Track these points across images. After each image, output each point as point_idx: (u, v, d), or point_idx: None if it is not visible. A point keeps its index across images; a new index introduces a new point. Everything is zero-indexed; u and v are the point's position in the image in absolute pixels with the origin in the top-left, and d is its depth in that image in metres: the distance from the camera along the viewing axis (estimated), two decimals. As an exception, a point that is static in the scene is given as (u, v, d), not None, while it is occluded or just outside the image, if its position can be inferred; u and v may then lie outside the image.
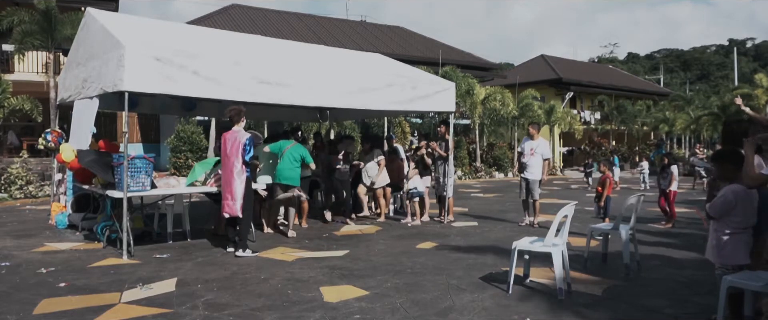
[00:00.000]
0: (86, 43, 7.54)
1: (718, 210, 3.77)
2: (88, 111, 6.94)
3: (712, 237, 3.91)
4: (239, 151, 6.30)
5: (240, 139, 6.35)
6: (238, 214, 6.36)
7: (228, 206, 6.40)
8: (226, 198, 6.41)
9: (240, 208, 6.34)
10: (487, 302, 4.62)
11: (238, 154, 6.30)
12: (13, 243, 7.25)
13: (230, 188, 6.38)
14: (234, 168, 6.34)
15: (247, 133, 6.50)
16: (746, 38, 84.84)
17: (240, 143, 6.32)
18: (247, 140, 6.36)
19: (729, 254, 3.77)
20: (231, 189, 6.37)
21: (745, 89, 29.64)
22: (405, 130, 21.71)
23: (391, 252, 6.73)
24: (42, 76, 16.80)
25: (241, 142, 6.32)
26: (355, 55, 10.79)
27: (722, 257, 3.81)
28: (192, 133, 17.38)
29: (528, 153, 8.85)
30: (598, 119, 34.30)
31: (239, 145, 6.32)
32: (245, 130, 6.59)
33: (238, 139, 6.36)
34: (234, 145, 6.36)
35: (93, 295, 4.77)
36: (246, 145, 6.32)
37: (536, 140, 8.95)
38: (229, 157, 6.40)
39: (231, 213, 6.41)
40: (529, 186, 8.83)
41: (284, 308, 4.41)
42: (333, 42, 21.99)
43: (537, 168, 8.79)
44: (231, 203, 6.37)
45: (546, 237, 4.92)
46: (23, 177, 13.22)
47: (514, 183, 20.04)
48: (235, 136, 6.41)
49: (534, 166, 8.79)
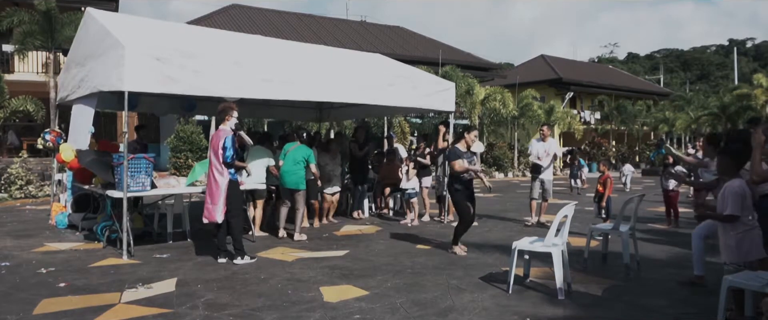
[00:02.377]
0: (86, 43, 7.53)
1: (736, 208, 3.76)
2: (87, 111, 6.94)
3: (727, 238, 3.88)
4: (219, 151, 5.96)
5: (220, 139, 5.98)
6: (217, 220, 6.01)
7: (207, 211, 6.04)
8: (207, 202, 6.08)
9: (221, 213, 5.97)
10: (487, 302, 4.62)
11: (219, 155, 5.96)
12: (13, 243, 7.25)
13: (210, 191, 6.05)
14: (214, 169, 6.02)
15: (229, 133, 6.06)
16: (746, 38, 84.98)
17: (219, 144, 5.96)
18: (226, 140, 5.95)
19: (746, 251, 3.78)
20: (210, 192, 6.04)
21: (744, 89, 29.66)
22: (405, 130, 21.70)
23: (391, 252, 6.73)
24: (42, 76, 16.81)
25: (221, 142, 5.95)
26: (356, 55, 10.80)
27: (740, 255, 3.81)
28: (192, 132, 17.38)
29: (543, 155, 8.92)
30: (598, 119, 34.32)
31: (219, 146, 5.96)
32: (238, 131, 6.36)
33: (219, 139, 5.99)
34: (215, 145, 6.02)
35: (93, 295, 4.77)
36: (225, 145, 5.92)
37: (548, 141, 8.97)
38: (211, 159, 6.09)
39: (210, 219, 6.05)
40: (545, 187, 8.95)
41: (284, 308, 4.41)
42: (333, 42, 21.99)
43: (551, 169, 8.99)
44: (210, 208, 6.01)
45: (546, 237, 4.93)
46: (23, 177, 13.21)
47: (514, 183, 20.05)
48: (218, 135, 6.05)
49: (550, 168, 8.97)
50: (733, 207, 3.76)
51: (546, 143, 8.94)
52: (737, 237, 3.81)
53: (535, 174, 9.04)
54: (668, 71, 66.93)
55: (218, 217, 6.00)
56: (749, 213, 3.79)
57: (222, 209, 5.98)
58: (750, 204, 3.81)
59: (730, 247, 3.87)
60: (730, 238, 3.85)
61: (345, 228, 8.64)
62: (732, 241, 3.85)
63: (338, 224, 8.94)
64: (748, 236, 3.78)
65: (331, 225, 8.89)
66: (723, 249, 3.96)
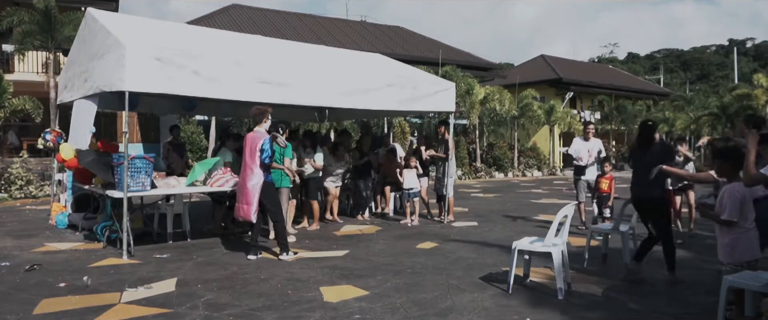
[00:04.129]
0: (86, 43, 7.54)
1: (735, 213, 3.77)
2: (88, 111, 6.94)
3: (723, 238, 3.90)
4: (256, 153, 6.17)
5: (258, 141, 6.23)
6: (251, 219, 6.22)
7: (242, 209, 6.26)
8: (240, 201, 6.29)
9: (255, 212, 6.20)
10: (487, 302, 4.62)
11: (256, 156, 6.17)
12: (13, 243, 7.25)
13: (243, 190, 6.26)
14: (249, 170, 6.23)
15: (266, 135, 6.32)
16: (746, 38, 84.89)
17: (256, 145, 6.20)
18: (264, 142, 6.20)
19: (741, 251, 3.78)
20: (245, 193, 6.23)
21: (744, 89, 29.64)
22: (405, 130, 21.69)
23: (391, 252, 6.73)
24: (42, 76, 16.81)
25: (259, 144, 6.18)
26: (355, 55, 10.79)
27: (734, 255, 3.82)
28: (192, 133, 17.38)
29: (586, 156, 8.53)
30: (598, 119, 34.30)
31: (256, 147, 6.19)
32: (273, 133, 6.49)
33: (257, 141, 6.23)
34: (252, 147, 6.24)
35: (93, 295, 4.77)
36: (263, 147, 6.17)
37: (591, 141, 8.62)
38: (246, 159, 6.29)
39: (244, 218, 6.28)
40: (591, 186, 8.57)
41: (284, 308, 4.41)
42: (333, 42, 21.98)
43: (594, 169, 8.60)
44: (245, 207, 6.22)
45: (546, 237, 4.93)
46: (23, 177, 13.21)
47: (514, 183, 20.05)
48: (255, 137, 6.28)
49: (593, 167, 8.59)
50: (730, 212, 3.77)
51: (590, 142, 8.59)
52: (732, 237, 3.82)
53: (578, 176, 8.69)
54: (668, 71, 66.95)
55: (253, 216, 6.20)
56: (750, 216, 3.79)
57: (256, 208, 6.19)
58: (751, 207, 3.80)
59: (725, 247, 3.90)
60: (726, 238, 3.87)
61: (345, 228, 8.64)
62: (727, 241, 3.87)
63: (338, 224, 8.94)
64: (743, 237, 3.78)
65: (332, 225, 8.89)
66: (719, 249, 3.98)
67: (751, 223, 3.80)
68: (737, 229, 3.79)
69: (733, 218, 3.77)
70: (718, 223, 3.89)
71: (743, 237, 3.79)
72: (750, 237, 3.79)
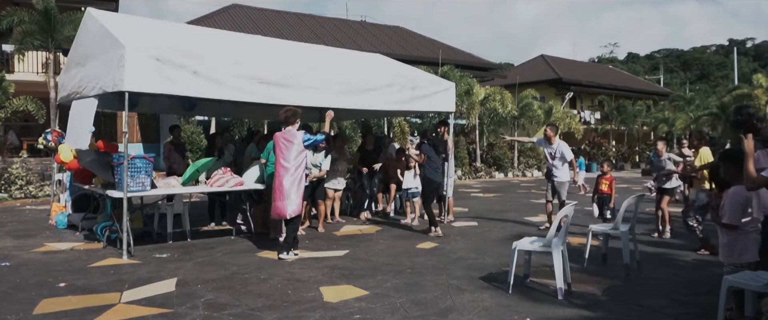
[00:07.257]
0: (86, 43, 7.54)
1: (734, 218, 3.77)
2: (88, 110, 6.94)
3: (722, 237, 3.92)
4: (294, 150, 6.30)
5: (296, 138, 6.36)
6: (287, 216, 6.32)
7: (278, 208, 6.35)
8: (276, 199, 6.35)
9: (291, 210, 6.28)
10: (487, 302, 4.62)
11: (289, 154, 6.30)
12: (13, 243, 7.25)
13: (282, 189, 6.32)
14: (283, 169, 6.32)
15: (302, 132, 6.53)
16: (746, 38, 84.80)
17: (292, 143, 6.32)
18: (305, 134, 6.46)
19: (739, 252, 3.79)
20: (282, 190, 6.31)
21: (744, 89, 29.64)
22: (405, 130, 21.69)
23: (391, 252, 6.73)
24: (42, 76, 16.80)
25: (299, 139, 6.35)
26: (355, 55, 10.79)
27: (733, 256, 3.83)
28: (192, 133, 17.36)
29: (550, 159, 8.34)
30: (598, 119, 34.31)
31: (292, 145, 6.32)
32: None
33: (294, 138, 6.35)
34: (288, 145, 6.34)
35: (93, 295, 4.77)
36: (306, 138, 6.39)
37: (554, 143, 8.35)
38: (281, 158, 6.36)
39: (280, 215, 6.39)
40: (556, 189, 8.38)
41: (284, 308, 4.41)
42: (333, 42, 21.97)
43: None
44: (280, 205, 6.31)
45: (546, 237, 4.93)
46: (23, 177, 13.21)
47: (514, 183, 20.05)
48: (287, 136, 6.40)
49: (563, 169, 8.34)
50: (730, 216, 3.77)
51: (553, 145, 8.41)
52: (731, 238, 3.83)
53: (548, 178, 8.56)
54: (668, 71, 66.92)
55: (288, 213, 6.30)
56: (752, 219, 3.77)
57: (293, 205, 6.29)
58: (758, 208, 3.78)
59: (724, 247, 3.91)
60: (725, 238, 3.88)
61: (345, 228, 8.64)
62: (726, 241, 3.88)
63: (339, 224, 8.94)
64: (742, 238, 3.78)
65: (332, 225, 8.88)
66: (720, 248, 4.00)
67: (754, 226, 3.79)
68: (737, 231, 3.79)
69: (733, 222, 3.78)
70: (719, 226, 3.91)
71: (742, 238, 3.78)
72: (749, 240, 3.78)
